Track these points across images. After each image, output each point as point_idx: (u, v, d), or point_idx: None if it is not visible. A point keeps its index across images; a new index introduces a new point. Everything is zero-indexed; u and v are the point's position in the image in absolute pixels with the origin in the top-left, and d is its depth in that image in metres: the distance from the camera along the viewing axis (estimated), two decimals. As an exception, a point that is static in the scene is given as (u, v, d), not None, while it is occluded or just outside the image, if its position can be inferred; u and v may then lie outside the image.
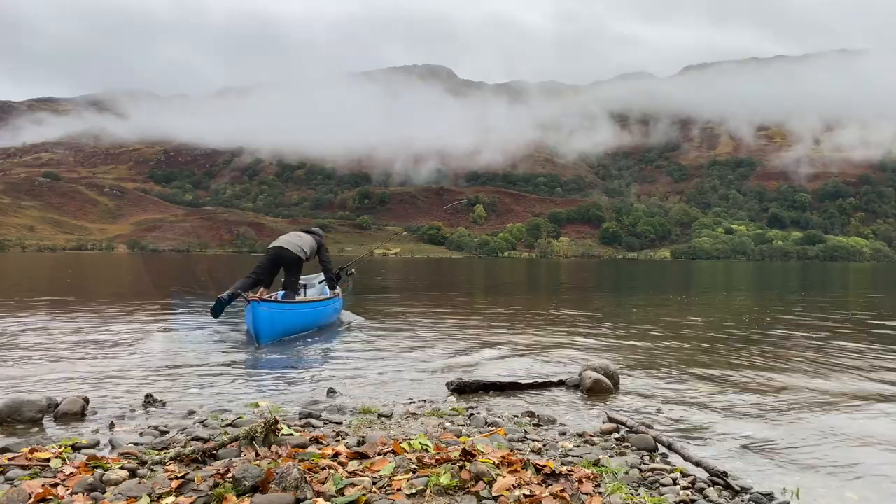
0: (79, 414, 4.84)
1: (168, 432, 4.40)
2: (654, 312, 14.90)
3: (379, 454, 3.54)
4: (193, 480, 3.15)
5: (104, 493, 3.10)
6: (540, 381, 6.26)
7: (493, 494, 3.01)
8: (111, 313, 12.24)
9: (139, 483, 3.16)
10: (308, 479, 3.09)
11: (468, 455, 3.36)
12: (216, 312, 9.21)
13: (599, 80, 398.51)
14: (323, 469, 3.27)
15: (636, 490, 3.48)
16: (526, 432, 4.51)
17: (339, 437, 4.17)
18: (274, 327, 8.52)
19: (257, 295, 8.99)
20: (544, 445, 4.22)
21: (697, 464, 3.85)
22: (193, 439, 4.11)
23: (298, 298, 9.92)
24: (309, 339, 9.07)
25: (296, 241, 10.07)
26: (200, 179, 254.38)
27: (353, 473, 3.27)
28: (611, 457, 4.01)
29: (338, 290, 11.03)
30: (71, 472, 3.32)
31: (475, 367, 7.20)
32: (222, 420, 4.71)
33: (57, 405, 4.90)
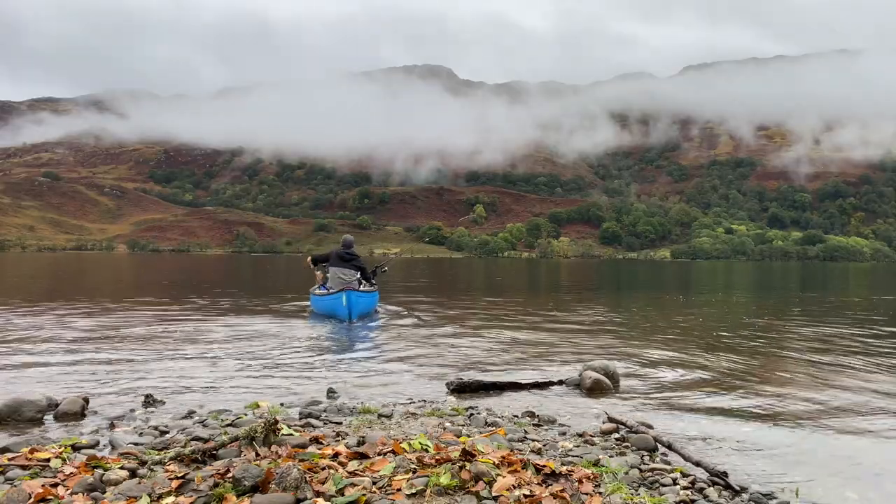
0: (79, 414, 4.84)
1: (168, 432, 4.40)
2: (653, 312, 14.90)
3: (379, 454, 3.54)
4: (193, 480, 3.15)
5: (104, 493, 3.10)
6: (540, 381, 6.26)
7: (493, 494, 3.01)
8: (111, 312, 12.24)
9: (139, 483, 3.16)
10: (308, 479, 3.09)
11: (468, 455, 3.35)
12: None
13: (599, 80, 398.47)
14: (323, 469, 3.27)
15: (636, 490, 3.48)
16: (526, 432, 4.51)
17: (339, 437, 4.17)
18: (361, 308, 11.56)
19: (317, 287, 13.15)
20: (544, 445, 4.22)
21: (697, 464, 3.85)
22: (193, 439, 4.11)
23: (363, 289, 12.26)
24: (309, 339, 9.08)
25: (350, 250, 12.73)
26: (200, 179, 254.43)
27: (353, 473, 3.27)
28: (611, 457, 4.01)
29: (375, 285, 13.21)
30: (71, 472, 3.32)
31: (475, 367, 7.19)
32: (222, 420, 4.71)
33: (57, 405, 4.90)
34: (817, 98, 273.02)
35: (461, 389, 5.87)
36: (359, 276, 12.48)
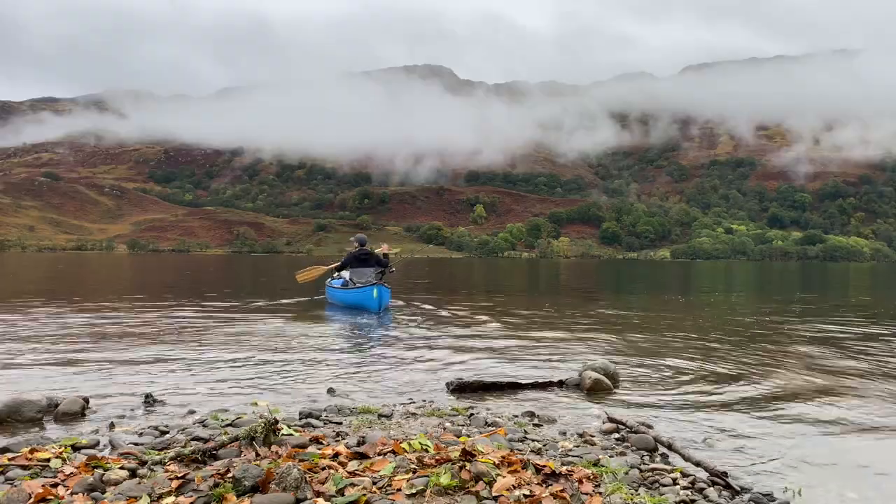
0: (79, 414, 4.83)
1: (168, 432, 4.40)
2: (653, 312, 14.90)
3: (379, 454, 3.54)
4: (193, 480, 3.15)
5: (104, 493, 3.10)
6: (540, 381, 6.25)
7: (493, 494, 3.01)
8: (111, 312, 12.24)
9: (139, 483, 3.16)
10: (308, 479, 3.09)
11: (468, 455, 3.36)
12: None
13: (599, 80, 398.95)
14: (323, 469, 3.27)
15: (636, 490, 3.47)
16: (526, 432, 4.51)
17: (339, 437, 4.17)
18: (386, 300, 12.99)
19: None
20: (544, 445, 4.22)
21: (697, 464, 3.85)
22: (193, 439, 4.11)
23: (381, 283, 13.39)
24: (309, 338, 9.08)
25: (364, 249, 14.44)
26: (200, 179, 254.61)
27: (353, 473, 3.27)
28: (611, 457, 4.00)
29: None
30: (71, 472, 3.32)
31: (475, 367, 7.19)
32: (222, 420, 4.70)
33: (57, 405, 4.90)
34: (817, 98, 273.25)
35: (461, 389, 5.86)
36: (373, 271, 13.96)
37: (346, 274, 14.36)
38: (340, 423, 4.65)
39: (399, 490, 3.06)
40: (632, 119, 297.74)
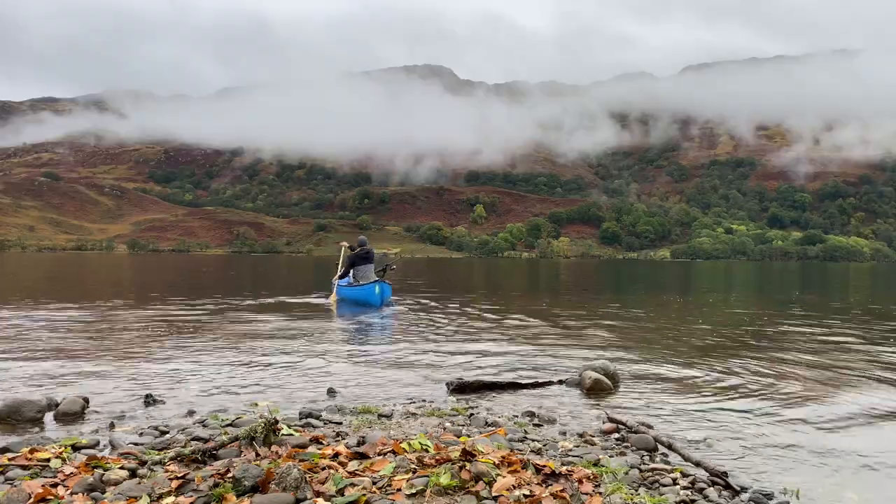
0: (79, 414, 4.84)
1: (168, 432, 4.40)
2: (653, 313, 14.89)
3: (379, 454, 3.54)
4: (193, 480, 3.15)
5: (104, 493, 3.10)
6: (540, 381, 6.26)
7: (493, 494, 3.01)
8: (111, 312, 12.24)
9: (139, 483, 3.16)
10: (308, 479, 3.09)
11: (468, 455, 3.36)
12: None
13: (599, 80, 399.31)
14: (323, 469, 3.27)
15: (636, 490, 3.47)
16: (526, 432, 4.51)
17: (339, 437, 4.17)
18: (387, 296, 14.02)
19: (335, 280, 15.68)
20: (544, 445, 4.22)
21: (697, 464, 3.85)
22: (193, 439, 4.11)
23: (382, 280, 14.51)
24: (309, 338, 9.08)
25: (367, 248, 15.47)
26: (200, 179, 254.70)
27: (353, 473, 3.27)
28: (611, 457, 4.00)
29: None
30: (71, 472, 3.32)
31: (475, 367, 7.19)
32: (222, 420, 4.70)
33: (57, 405, 4.90)
34: (817, 98, 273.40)
35: (461, 389, 5.86)
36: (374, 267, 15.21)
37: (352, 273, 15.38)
38: (340, 423, 4.65)
39: (399, 490, 3.06)
40: (632, 119, 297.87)
